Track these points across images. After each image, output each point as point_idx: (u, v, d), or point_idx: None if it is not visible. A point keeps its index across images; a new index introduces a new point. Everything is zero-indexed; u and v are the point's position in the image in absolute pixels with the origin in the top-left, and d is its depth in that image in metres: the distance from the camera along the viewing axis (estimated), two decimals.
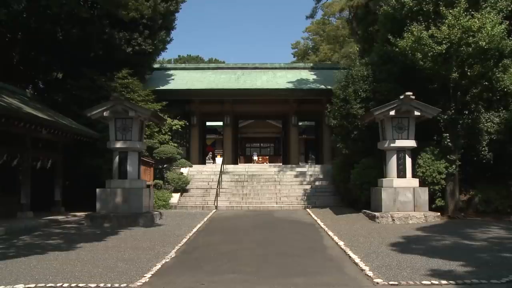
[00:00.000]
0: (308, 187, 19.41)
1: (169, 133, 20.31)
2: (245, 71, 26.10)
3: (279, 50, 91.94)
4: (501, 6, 13.10)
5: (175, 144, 20.49)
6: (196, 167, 21.72)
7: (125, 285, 6.13)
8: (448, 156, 13.71)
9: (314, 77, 24.93)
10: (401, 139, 13.32)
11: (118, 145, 13.31)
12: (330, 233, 10.78)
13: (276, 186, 19.58)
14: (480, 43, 12.33)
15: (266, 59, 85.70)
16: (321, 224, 12.45)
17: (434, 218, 12.63)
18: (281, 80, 24.29)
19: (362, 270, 6.90)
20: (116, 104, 13.09)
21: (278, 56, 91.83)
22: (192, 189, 19.32)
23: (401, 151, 13.38)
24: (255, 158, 38.40)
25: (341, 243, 9.24)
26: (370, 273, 6.61)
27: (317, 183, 19.85)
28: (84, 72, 17.84)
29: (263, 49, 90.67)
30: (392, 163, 13.41)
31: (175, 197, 18.15)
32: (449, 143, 13.62)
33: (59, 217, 14.28)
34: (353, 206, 15.61)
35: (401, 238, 9.82)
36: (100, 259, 7.83)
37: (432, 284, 6.04)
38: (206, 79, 24.64)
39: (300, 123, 27.52)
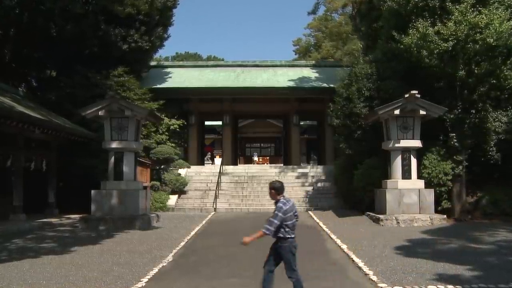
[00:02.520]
0: (310, 188, 19.40)
1: (166, 133, 20.28)
2: (244, 69, 26.10)
3: (280, 47, 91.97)
4: (509, 2, 13.12)
5: (173, 144, 20.46)
6: (195, 168, 21.72)
7: None
8: (454, 157, 13.71)
9: (316, 75, 24.93)
10: (406, 139, 13.33)
11: (114, 145, 13.31)
12: (333, 236, 10.78)
13: None
14: (487, 40, 12.34)
15: (266, 57, 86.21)
16: (324, 227, 12.45)
17: (440, 220, 12.63)
18: (282, 78, 24.29)
19: (366, 274, 6.90)
20: (111, 103, 13.09)
21: (279, 54, 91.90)
22: (190, 191, 19.32)
23: (406, 151, 13.38)
24: (255, 158, 38.44)
25: (344, 247, 9.24)
26: (374, 278, 6.61)
27: (319, 184, 19.85)
28: (78, 69, 17.84)
29: (263, 46, 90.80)
30: (397, 164, 13.41)
31: (172, 199, 18.14)
32: (455, 143, 13.62)
33: (53, 220, 14.29)
34: (356, 208, 15.61)
35: (406, 241, 9.83)
36: (95, 263, 7.83)
37: None
38: (204, 77, 24.63)
39: (301, 123, 27.49)
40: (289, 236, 5.26)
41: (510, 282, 6.19)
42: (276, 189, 5.41)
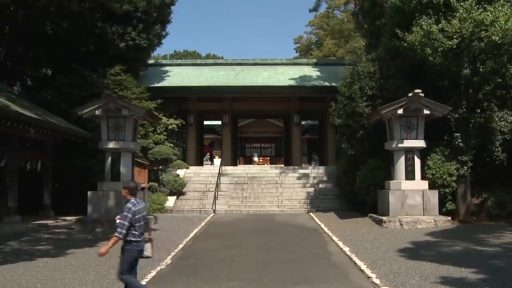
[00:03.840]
0: (311, 189, 19.41)
1: (164, 133, 20.28)
2: (244, 67, 26.10)
3: (281, 45, 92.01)
4: None
5: (171, 145, 20.47)
6: (193, 169, 21.73)
7: None
8: (459, 157, 13.71)
9: (318, 73, 24.93)
10: (410, 139, 13.33)
11: (111, 145, 13.32)
12: (335, 238, 10.79)
13: (278, 189, 19.58)
14: (493, 37, 12.33)
15: (267, 55, 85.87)
16: (325, 229, 12.47)
17: (444, 222, 12.64)
18: (283, 76, 24.30)
19: (369, 277, 6.91)
20: (108, 102, 13.09)
21: (280, 52, 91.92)
22: (189, 192, 19.32)
23: (409, 151, 13.38)
24: (256, 159, 38.42)
25: (346, 249, 9.26)
26: (377, 281, 6.62)
27: (320, 185, 19.85)
28: (74, 68, 17.83)
29: (263, 44, 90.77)
30: (400, 165, 13.41)
31: (171, 201, 18.14)
32: (460, 143, 13.62)
33: (49, 222, 14.29)
34: (359, 209, 15.61)
35: (409, 243, 9.84)
36: (91, 266, 7.84)
37: None
38: (203, 75, 24.64)
39: (303, 122, 27.49)
40: (134, 239, 5.20)
41: None
42: (129, 189, 5.37)
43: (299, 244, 10.37)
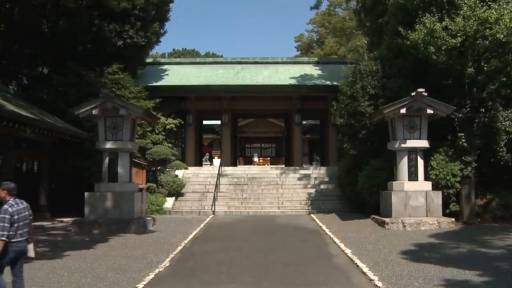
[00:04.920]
0: (312, 190, 19.41)
1: (163, 133, 20.30)
2: (244, 66, 26.12)
3: (282, 44, 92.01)
4: None
5: (170, 145, 20.48)
6: (192, 169, 21.73)
7: None
8: (463, 157, 13.70)
9: (319, 72, 24.95)
10: (413, 139, 13.33)
11: (108, 145, 13.32)
12: (336, 240, 10.79)
13: (278, 190, 19.59)
14: (497, 36, 12.33)
15: (267, 53, 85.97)
16: (327, 231, 12.46)
17: (448, 224, 12.63)
18: (284, 75, 24.31)
19: (371, 280, 6.91)
20: (106, 101, 13.09)
21: (281, 50, 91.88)
22: (188, 193, 19.33)
23: (412, 152, 13.38)
24: (256, 159, 38.50)
25: (348, 251, 9.26)
26: (379, 283, 6.62)
27: (322, 186, 19.86)
28: (71, 67, 17.85)
29: (264, 42, 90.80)
30: (403, 165, 13.41)
31: (169, 202, 18.15)
32: (464, 143, 13.62)
33: (45, 223, 14.29)
34: (361, 211, 15.61)
35: (412, 245, 9.84)
36: (88, 268, 7.84)
37: None
38: (202, 74, 24.65)
39: (304, 122, 27.48)
40: (14, 239, 5.28)
41: None
42: (8, 190, 5.40)
43: (300, 246, 10.38)
